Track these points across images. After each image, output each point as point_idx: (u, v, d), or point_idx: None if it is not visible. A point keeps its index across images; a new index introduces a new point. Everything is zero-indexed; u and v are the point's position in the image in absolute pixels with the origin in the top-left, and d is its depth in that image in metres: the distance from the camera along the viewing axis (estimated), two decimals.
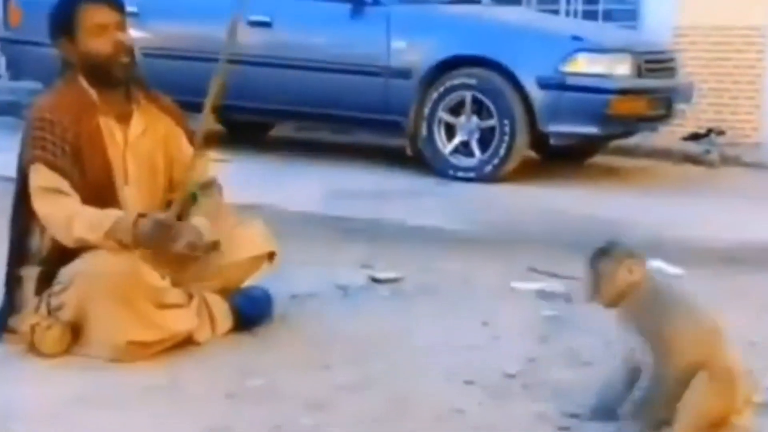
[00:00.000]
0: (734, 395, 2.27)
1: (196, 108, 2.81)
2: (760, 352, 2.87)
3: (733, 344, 2.34)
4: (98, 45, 2.79)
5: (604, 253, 2.31)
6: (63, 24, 2.84)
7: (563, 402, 2.47)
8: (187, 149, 2.92)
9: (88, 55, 2.80)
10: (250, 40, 6.60)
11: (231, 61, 2.79)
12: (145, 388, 2.50)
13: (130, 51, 2.83)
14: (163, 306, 2.74)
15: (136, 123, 2.88)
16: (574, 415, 2.36)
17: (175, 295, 2.81)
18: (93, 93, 2.82)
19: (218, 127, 2.83)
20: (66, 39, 2.83)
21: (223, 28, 2.83)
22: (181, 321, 2.77)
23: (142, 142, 2.87)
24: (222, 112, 2.98)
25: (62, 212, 2.71)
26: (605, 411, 2.33)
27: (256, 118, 7.05)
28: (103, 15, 2.81)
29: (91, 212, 2.70)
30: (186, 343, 2.78)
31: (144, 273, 2.71)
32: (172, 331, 2.73)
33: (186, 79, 4.93)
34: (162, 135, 2.92)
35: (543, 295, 3.48)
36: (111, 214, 2.70)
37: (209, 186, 2.96)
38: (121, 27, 2.84)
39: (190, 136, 2.94)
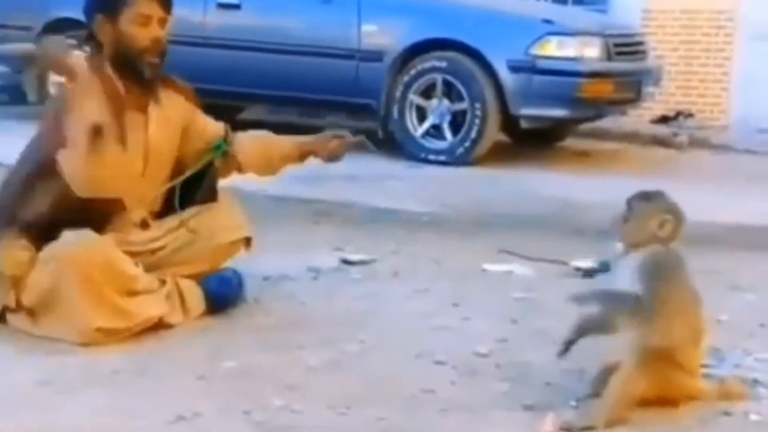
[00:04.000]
0: (672, 385, 2.28)
1: None
2: (726, 330, 2.91)
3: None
4: (137, 34, 2.76)
5: (648, 198, 2.30)
6: (108, 1, 2.78)
7: (533, 381, 2.49)
8: (202, 120, 2.98)
9: (122, 41, 2.76)
10: (220, 22, 6.57)
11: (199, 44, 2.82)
12: (113, 372, 2.48)
13: (163, 52, 2.80)
14: (134, 293, 2.73)
15: (152, 113, 2.84)
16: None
17: (147, 281, 2.80)
18: (121, 86, 2.78)
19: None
20: (104, 17, 2.78)
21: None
22: (150, 307, 2.76)
23: (159, 132, 2.86)
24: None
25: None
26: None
27: (226, 101, 7.00)
28: (152, 7, 2.78)
29: None
30: (157, 326, 2.77)
31: (117, 259, 2.71)
32: (141, 318, 2.72)
33: None
34: (179, 122, 2.92)
35: (513, 276, 3.50)
36: None
37: (227, 135, 3.00)
38: (163, 24, 2.81)
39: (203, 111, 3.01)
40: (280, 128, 3.25)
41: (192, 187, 2.96)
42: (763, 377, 2.55)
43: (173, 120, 2.91)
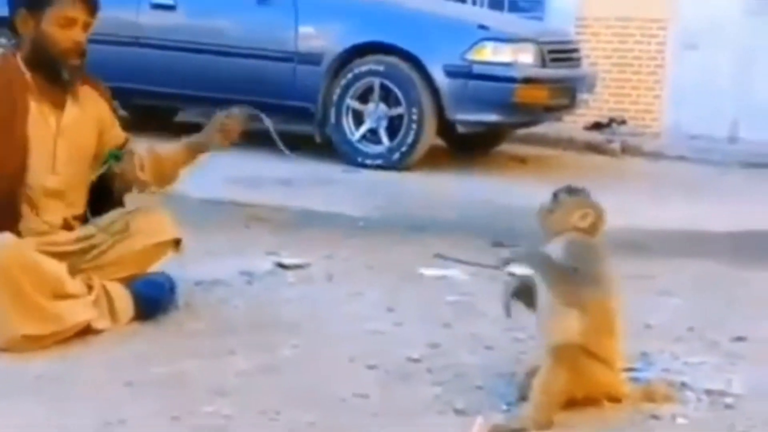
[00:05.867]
0: (591, 379, 2.31)
1: None
2: (655, 335, 2.96)
3: (626, 327, 2.40)
4: (58, 36, 2.72)
5: (573, 192, 2.43)
6: None
7: (464, 385, 2.49)
8: (114, 121, 2.94)
9: (42, 40, 2.72)
10: (154, 22, 6.48)
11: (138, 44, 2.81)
12: (38, 377, 2.43)
13: (83, 54, 2.77)
14: (60, 296, 2.67)
15: (70, 110, 2.81)
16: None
17: (74, 285, 2.74)
18: (27, 74, 2.74)
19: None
20: (27, 12, 2.73)
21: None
22: (78, 312, 2.70)
23: (75, 129, 2.81)
24: (126, 97, 2.99)
25: None
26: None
27: (161, 103, 6.93)
28: (77, 10, 2.74)
29: None
30: (84, 332, 2.71)
31: (41, 262, 2.64)
32: (69, 324, 2.66)
33: None
34: (96, 118, 2.88)
35: (448, 281, 3.51)
36: None
37: (125, 144, 2.95)
38: (87, 28, 2.78)
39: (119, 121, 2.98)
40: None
41: (106, 198, 2.94)
42: (691, 381, 2.59)
43: (91, 117, 2.88)
